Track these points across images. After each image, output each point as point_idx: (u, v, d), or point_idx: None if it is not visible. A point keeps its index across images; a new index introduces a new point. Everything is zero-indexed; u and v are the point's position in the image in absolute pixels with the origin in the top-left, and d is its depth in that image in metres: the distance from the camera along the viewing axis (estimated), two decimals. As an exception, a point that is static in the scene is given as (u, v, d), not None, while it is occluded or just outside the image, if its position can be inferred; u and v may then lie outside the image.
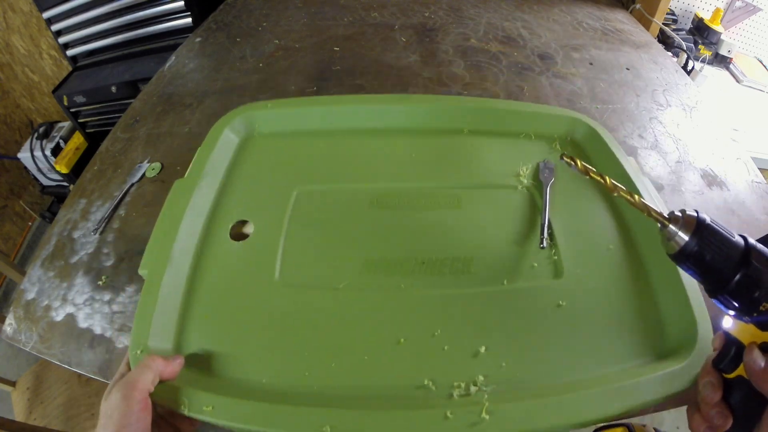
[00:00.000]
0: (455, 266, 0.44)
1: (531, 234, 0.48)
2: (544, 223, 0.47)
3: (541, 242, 0.46)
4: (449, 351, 0.39)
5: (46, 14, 1.09)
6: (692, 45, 0.97)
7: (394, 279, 0.44)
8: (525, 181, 0.53)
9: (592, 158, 0.55)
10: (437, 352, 0.38)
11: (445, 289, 0.43)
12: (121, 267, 0.49)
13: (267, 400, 0.34)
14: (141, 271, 0.43)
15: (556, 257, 0.45)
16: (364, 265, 0.44)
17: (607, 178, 0.33)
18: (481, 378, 0.37)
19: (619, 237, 0.48)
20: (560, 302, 0.42)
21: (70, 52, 1.16)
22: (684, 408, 0.35)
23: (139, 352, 0.37)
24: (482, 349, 0.38)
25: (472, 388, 0.36)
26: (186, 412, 0.33)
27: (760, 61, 1.13)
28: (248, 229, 0.48)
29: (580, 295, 0.42)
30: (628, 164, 0.51)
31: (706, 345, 0.37)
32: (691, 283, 0.40)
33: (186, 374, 0.37)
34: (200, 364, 0.38)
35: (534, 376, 0.37)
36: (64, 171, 1.33)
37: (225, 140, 0.54)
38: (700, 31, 1.04)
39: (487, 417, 0.33)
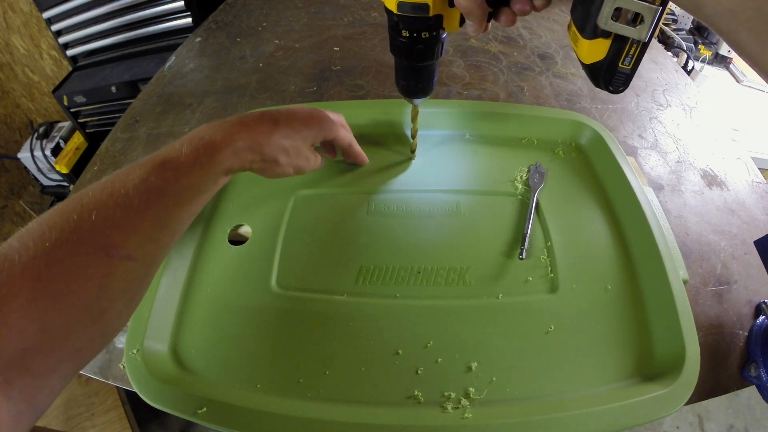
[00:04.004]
0: (450, 276, 0.44)
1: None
2: (526, 233, 0.46)
3: (521, 253, 0.45)
4: (442, 363, 0.38)
5: (46, 14, 1.09)
6: (692, 45, 0.97)
7: (389, 287, 0.43)
8: (519, 187, 0.52)
9: (595, 164, 0.54)
10: (431, 364, 0.38)
11: (439, 299, 0.42)
12: (121, 267, 0.49)
13: (260, 406, 0.35)
14: None
15: (552, 274, 0.44)
16: (359, 273, 0.44)
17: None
18: (472, 389, 0.37)
19: (614, 250, 0.46)
20: (553, 319, 0.41)
21: (70, 52, 1.16)
22: (683, 408, 0.35)
23: (135, 351, 0.37)
24: (474, 365, 0.38)
25: (463, 402, 0.36)
26: (179, 414, 0.34)
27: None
28: (246, 233, 0.48)
29: (572, 312, 0.42)
30: (632, 173, 0.50)
31: (693, 372, 0.37)
32: (684, 307, 0.40)
33: (181, 376, 0.37)
34: (195, 366, 0.38)
35: (522, 393, 0.37)
36: (64, 171, 1.33)
37: None
38: (700, 31, 1.04)
39: None
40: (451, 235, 0.47)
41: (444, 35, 0.39)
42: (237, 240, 0.47)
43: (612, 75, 0.32)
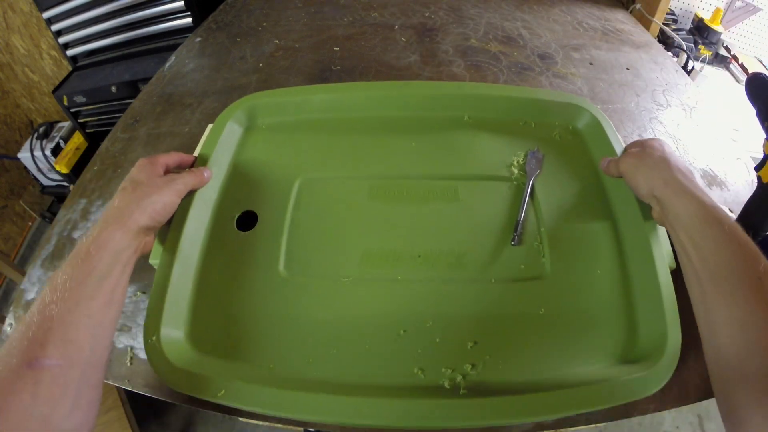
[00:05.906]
0: (448, 260, 0.46)
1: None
2: (519, 219, 0.48)
3: (513, 239, 0.47)
4: (440, 343, 0.40)
5: (46, 14, 1.09)
6: (692, 45, 0.97)
7: (391, 270, 0.45)
8: (516, 173, 0.53)
9: (591, 149, 0.55)
10: (430, 343, 0.40)
11: (438, 282, 0.44)
12: (121, 267, 0.49)
13: (274, 385, 0.37)
14: (152, 261, 0.44)
15: (544, 259, 0.46)
16: (363, 257, 0.46)
17: None
18: (468, 366, 0.39)
19: (606, 235, 0.48)
20: (543, 302, 0.43)
21: (70, 52, 1.16)
22: (683, 408, 0.35)
23: (153, 338, 0.38)
24: (470, 345, 0.40)
25: (459, 379, 0.38)
26: (200, 396, 0.36)
27: (760, 61, 1.13)
28: (254, 217, 0.49)
29: (563, 295, 0.43)
30: None
31: (674, 356, 0.38)
32: (668, 293, 0.40)
33: (199, 360, 0.39)
34: (212, 350, 0.40)
35: (514, 371, 0.39)
36: (64, 171, 1.33)
37: (229, 131, 0.54)
38: (700, 31, 1.04)
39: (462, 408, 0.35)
40: (450, 221, 0.49)
41: None
42: (245, 225, 0.48)
43: None
